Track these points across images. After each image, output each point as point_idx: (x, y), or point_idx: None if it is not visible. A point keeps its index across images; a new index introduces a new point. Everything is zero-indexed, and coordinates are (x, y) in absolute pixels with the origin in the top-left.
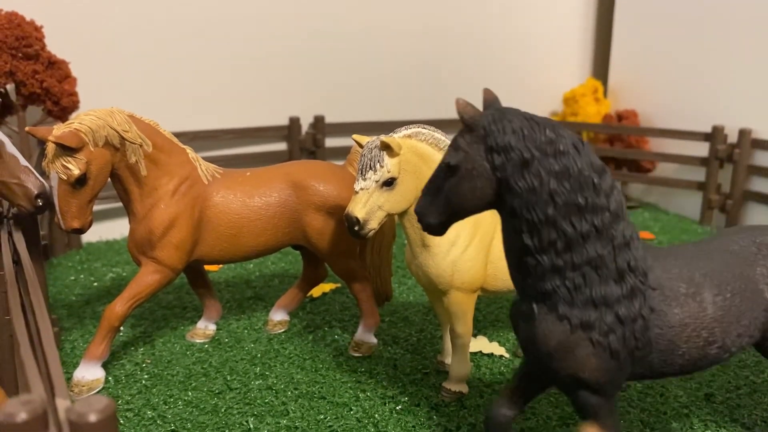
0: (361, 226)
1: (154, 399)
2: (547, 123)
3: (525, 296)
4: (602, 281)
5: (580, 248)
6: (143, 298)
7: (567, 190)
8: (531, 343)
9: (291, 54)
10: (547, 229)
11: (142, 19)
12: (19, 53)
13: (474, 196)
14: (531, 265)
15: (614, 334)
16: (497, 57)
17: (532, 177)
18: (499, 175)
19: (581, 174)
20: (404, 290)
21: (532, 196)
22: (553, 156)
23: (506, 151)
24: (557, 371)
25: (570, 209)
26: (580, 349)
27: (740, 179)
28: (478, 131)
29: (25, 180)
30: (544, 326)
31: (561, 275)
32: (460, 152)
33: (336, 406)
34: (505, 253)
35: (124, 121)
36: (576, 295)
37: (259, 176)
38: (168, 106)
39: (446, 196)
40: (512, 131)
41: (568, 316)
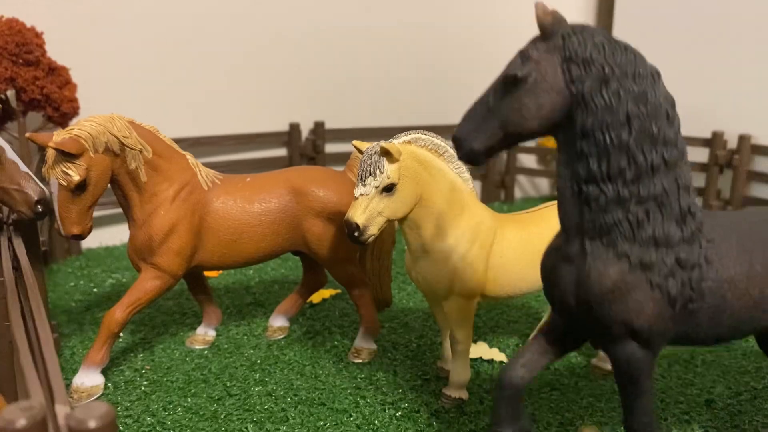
0: (361, 231)
1: (153, 405)
2: (627, 45)
3: (576, 234)
4: (665, 220)
5: (648, 180)
6: (143, 304)
7: (643, 114)
8: (579, 286)
9: (291, 60)
10: (618, 155)
11: (142, 26)
12: (19, 59)
13: (539, 113)
14: (593, 195)
15: (673, 278)
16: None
17: (611, 94)
18: (575, 90)
19: (657, 101)
20: (404, 296)
21: (608, 116)
22: (632, 77)
23: (586, 64)
24: (608, 317)
25: (643, 136)
26: (637, 291)
27: (740, 185)
28: (555, 40)
29: (25, 186)
30: (599, 264)
31: (625, 208)
32: (530, 63)
33: (336, 413)
34: (560, 183)
35: (124, 127)
36: (638, 231)
37: (259, 182)
38: (168, 112)
39: (504, 115)
40: (593, 44)
41: (627, 254)
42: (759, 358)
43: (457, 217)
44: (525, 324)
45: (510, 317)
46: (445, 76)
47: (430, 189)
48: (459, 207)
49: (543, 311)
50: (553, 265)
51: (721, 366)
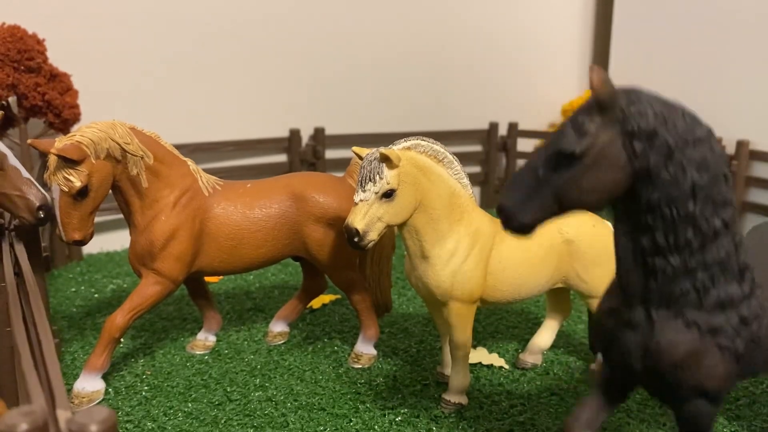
0: (361, 237)
1: (154, 410)
2: (682, 107)
3: (639, 302)
4: (727, 281)
5: (712, 246)
6: (144, 309)
7: (706, 182)
8: (647, 355)
9: (291, 66)
10: (684, 227)
11: (143, 33)
12: (21, 66)
13: (600, 189)
14: (659, 267)
15: (740, 337)
16: (496, 69)
17: (676, 167)
18: (638, 165)
19: (717, 165)
20: (404, 301)
21: (674, 189)
22: (693, 144)
23: (650, 138)
24: (680, 383)
25: (707, 204)
26: (708, 357)
27: (738, 190)
28: (613, 113)
29: (26, 192)
30: (668, 335)
31: (692, 277)
32: (588, 137)
33: (335, 418)
34: (621, 254)
35: (125, 133)
36: (705, 298)
37: (259, 188)
38: (169, 119)
39: (558, 189)
40: (654, 115)
41: (697, 322)
42: None
43: (457, 222)
44: (524, 329)
45: (509, 322)
46: (445, 83)
47: (430, 195)
48: (458, 212)
49: (542, 316)
50: (613, 330)
51: None
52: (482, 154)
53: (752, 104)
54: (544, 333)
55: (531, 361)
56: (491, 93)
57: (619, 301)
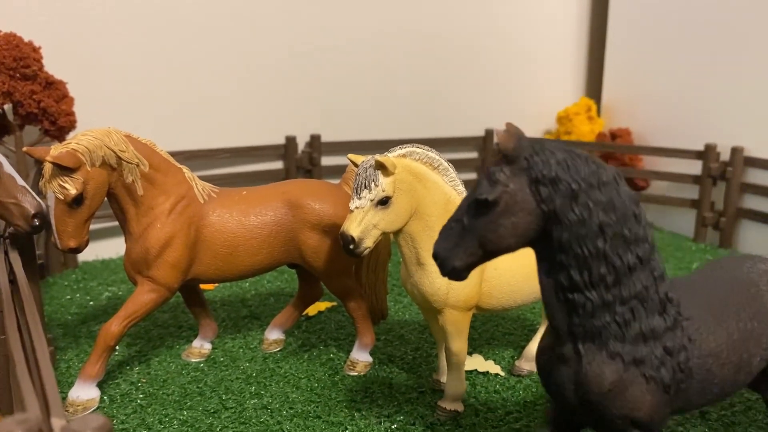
0: (357, 244)
1: (149, 418)
2: (586, 155)
3: (567, 337)
4: (648, 314)
5: (628, 281)
6: (139, 317)
7: (614, 221)
8: (578, 387)
9: (287, 73)
10: (597, 263)
11: (139, 40)
12: (17, 74)
13: (515, 232)
14: (579, 302)
15: (664, 367)
16: (491, 76)
17: (581, 208)
18: (546, 208)
19: (624, 205)
20: (400, 309)
21: (582, 229)
22: (598, 187)
23: (554, 183)
24: (610, 413)
25: (617, 241)
26: (634, 387)
27: (733, 197)
28: (519, 163)
29: (21, 200)
30: (594, 367)
31: (611, 311)
32: (499, 186)
33: (331, 426)
34: (544, 292)
35: (121, 141)
36: (626, 330)
37: (254, 195)
38: (164, 126)
39: (480, 235)
40: (557, 162)
41: (620, 353)
42: None
43: None
44: (520, 336)
45: (505, 329)
46: (440, 90)
47: (425, 202)
48: None
49: (538, 323)
50: (548, 365)
51: None
52: (478, 161)
53: (746, 112)
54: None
55: (527, 368)
56: (487, 100)
57: (553, 338)
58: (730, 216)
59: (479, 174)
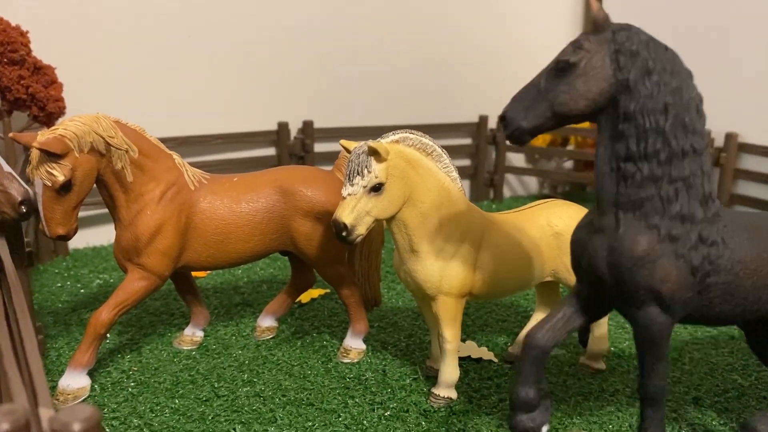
0: (349, 231)
1: (140, 407)
2: (667, 45)
3: (610, 207)
4: (691, 199)
5: (679, 163)
6: (130, 305)
7: (678, 106)
8: (611, 253)
9: (279, 59)
10: (655, 137)
11: (128, 25)
12: (4, 58)
13: (587, 95)
14: (629, 172)
15: (696, 251)
16: (485, 63)
17: (653, 84)
18: (621, 77)
19: (690, 96)
20: (393, 295)
21: (650, 102)
22: (671, 73)
23: (633, 56)
24: (636, 282)
25: (677, 124)
26: (664, 259)
27: (727, 183)
28: (606, 34)
29: (8, 186)
30: (631, 234)
31: (657, 185)
32: (582, 51)
33: (324, 413)
34: (599, 161)
35: (109, 126)
36: (667, 207)
37: (246, 182)
38: (155, 112)
39: (554, 96)
40: (640, 41)
41: (657, 226)
42: (746, 355)
43: (446, 216)
44: (514, 323)
45: (499, 316)
46: (434, 76)
47: (419, 188)
48: (447, 206)
49: (531, 310)
50: (584, 238)
51: (709, 363)
52: (472, 147)
53: (741, 98)
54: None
55: None
56: (481, 86)
57: (594, 213)
58: (724, 202)
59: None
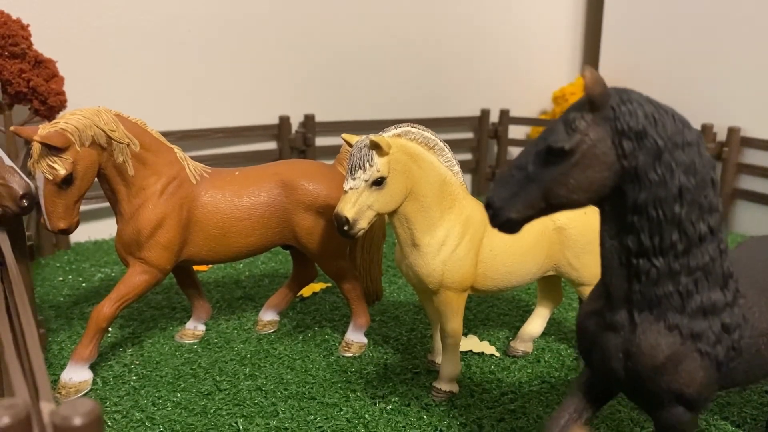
0: (351, 225)
1: (142, 400)
2: (673, 110)
3: (622, 304)
4: (711, 287)
5: (697, 251)
6: (131, 298)
7: (693, 186)
8: (628, 358)
9: (281, 52)
10: (670, 229)
11: (129, 18)
12: (5, 52)
13: (589, 187)
14: (643, 269)
15: (720, 344)
16: (487, 56)
17: (664, 169)
18: (626, 165)
19: (705, 170)
20: (394, 289)
21: (662, 191)
22: (682, 147)
23: (639, 138)
24: (659, 387)
25: (693, 208)
26: (688, 362)
27: (730, 177)
28: (605, 111)
29: (9, 180)
30: (650, 337)
31: (675, 281)
32: (577, 134)
33: (326, 407)
34: (606, 254)
35: (110, 120)
36: (687, 302)
37: (248, 176)
38: (156, 105)
39: (546, 186)
40: (644, 115)
41: (678, 326)
42: None
43: (448, 210)
44: (515, 317)
45: (500, 310)
46: (436, 70)
47: (420, 182)
48: (449, 200)
49: (533, 304)
50: (595, 332)
51: None
52: (473, 141)
53: (743, 92)
54: (535, 321)
55: (522, 349)
56: (482, 80)
57: (602, 304)
58: (727, 196)
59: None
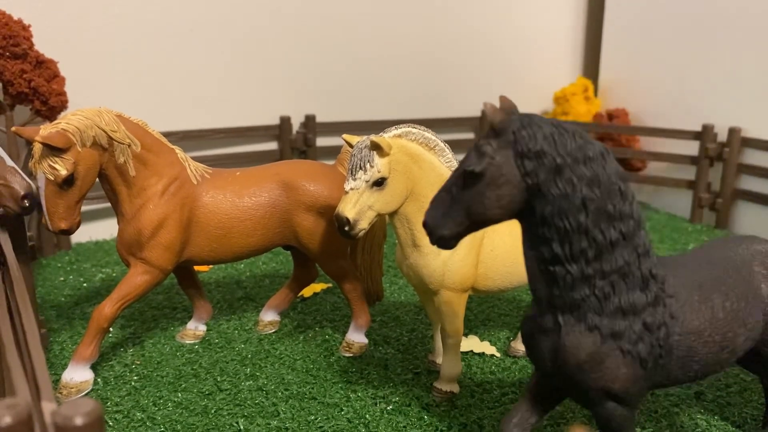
0: (351, 226)
1: (143, 400)
2: (574, 129)
3: (548, 308)
4: (629, 289)
5: (609, 256)
6: (132, 299)
7: (597, 196)
8: (556, 357)
9: (282, 53)
10: (579, 237)
11: (130, 19)
12: (6, 52)
13: (500, 204)
14: (559, 275)
15: (642, 342)
16: (488, 56)
17: (565, 183)
18: (530, 182)
19: (609, 181)
20: (395, 290)
21: (565, 203)
22: (583, 162)
23: (539, 157)
24: (586, 384)
25: (600, 216)
26: (610, 359)
27: (730, 178)
28: (507, 136)
29: (11, 181)
30: (572, 338)
31: (590, 284)
32: (485, 158)
33: (327, 407)
34: (528, 263)
35: (112, 120)
36: (605, 304)
37: (248, 176)
38: (157, 106)
39: (467, 205)
40: (543, 137)
41: (598, 326)
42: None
43: None
44: (516, 317)
45: (501, 310)
46: (436, 70)
47: (421, 183)
48: None
49: None
50: (531, 334)
51: None
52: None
53: (744, 92)
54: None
55: (522, 350)
56: (483, 80)
57: (535, 309)
58: (727, 197)
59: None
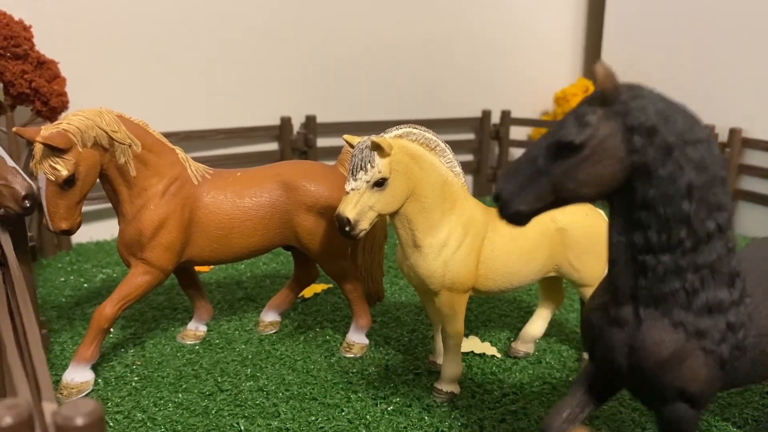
0: (352, 226)
1: (144, 401)
2: (683, 106)
3: (628, 299)
4: (717, 286)
5: (705, 248)
6: (133, 299)
7: (702, 183)
8: (632, 353)
9: (282, 53)
10: (678, 226)
11: (131, 19)
12: (7, 53)
13: (598, 181)
14: (650, 265)
15: (725, 343)
16: (488, 57)
17: (674, 165)
18: (636, 160)
19: (714, 166)
20: (396, 290)
21: (671, 188)
22: (692, 144)
23: (650, 134)
24: (662, 383)
25: (702, 205)
26: (692, 359)
27: (731, 178)
28: (616, 106)
29: (12, 181)
30: (654, 333)
31: (682, 277)
32: (588, 128)
33: (327, 408)
34: (613, 251)
35: (112, 121)
36: (693, 299)
37: (249, 176)
38: (158, 106)
39: (556, 179)
40: (656, 111)
41: (683, 323)
42: None
43: (449, 211)
44: (516, 318)
45: (501, 311)
46: (437, 71)
47: (422, 183)
48: (450, 201)
49: (534, 305)
50: (600, 326)
51: None
52: (475, 143)
53: (745, 93)
54: (536, 322)
55: (523, 350)
56: (484, 81)
57: (609, 298)
58: None
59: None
